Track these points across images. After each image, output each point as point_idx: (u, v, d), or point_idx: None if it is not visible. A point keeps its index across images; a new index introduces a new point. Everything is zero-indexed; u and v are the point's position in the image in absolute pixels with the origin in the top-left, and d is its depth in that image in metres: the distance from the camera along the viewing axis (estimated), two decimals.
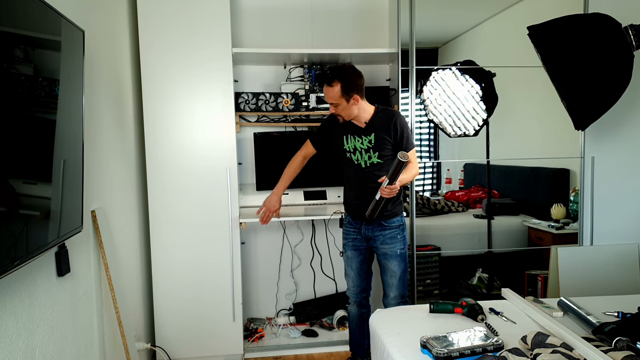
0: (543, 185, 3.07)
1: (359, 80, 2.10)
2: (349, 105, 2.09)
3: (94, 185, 1.87)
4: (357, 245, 2.28)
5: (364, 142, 2.15)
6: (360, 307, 2.37)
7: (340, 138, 2.21)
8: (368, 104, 2.17)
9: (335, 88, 2.06)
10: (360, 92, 2.10)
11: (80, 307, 1.70)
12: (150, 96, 2.44)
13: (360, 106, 2.12)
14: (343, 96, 2.06)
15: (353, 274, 2.32)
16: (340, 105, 2.09)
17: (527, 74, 2.80)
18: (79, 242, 1.68)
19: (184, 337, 2.55)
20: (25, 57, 1.21)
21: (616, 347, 1.39)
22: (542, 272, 2.83)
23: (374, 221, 2.19)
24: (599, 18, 2.31)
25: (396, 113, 2.17)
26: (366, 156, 2.16)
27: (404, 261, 2.24)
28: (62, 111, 1.42)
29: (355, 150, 2.18)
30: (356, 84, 2.08)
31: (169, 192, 2.49)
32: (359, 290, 2.34)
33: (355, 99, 2.08)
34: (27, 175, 1.24)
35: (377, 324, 1.75)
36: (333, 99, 2.09)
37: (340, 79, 2.06)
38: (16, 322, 1.26)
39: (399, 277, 2.22)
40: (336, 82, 2.06)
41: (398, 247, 2.21)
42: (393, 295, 2.24)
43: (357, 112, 2.13)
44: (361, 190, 2.19)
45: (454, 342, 1.43)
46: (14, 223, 1.17)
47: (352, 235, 2.28)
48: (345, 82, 2.06)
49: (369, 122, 2.15)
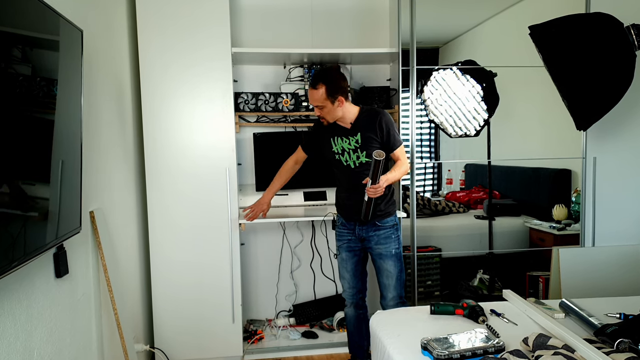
0: (544, 185, 3.06)
1: (344, 82, 2.12)
2: (334, 107, 2.11)
3: (93, 185, 1.86)
4: (352, 246, 2.27)
5: (351, 143, 2.16)
6: (357, 308, 2.36)
7: (328, 141, 2.23)
8: (352, 105, 2.19)
9: (319, 90, 2.07)
10: (344, 93, 2.11)
11: (79, 308, 1.69)
12: (149, 96, 2.44)
13: (345, 108, 2.14)
14: (328, 98, 2.08)
15: (348, 276, 2.32)
16: (325, 108, 2.11)
17: (528, 74, 2.79)
18: (77, 243, 1.67)
19: (183, 338, 2.54)
20: (23, 57, 1.20)
21: (618, 349, 1.38)
22: (543, 274, 2.82)
23: (368, 221, 2.18)
24: (601, 18, 2.30)
25: (381, 112, 2.18)
26: (354, 156, 2.17)
27: (400, 261, 2.23)
28: (61, 111, 1.41)
29: (343, 151, 2.19)
30: (340, 86, 2.10)
31: (168, 192, 2.48)
32: (355, 292, 2.33)
33: (340, 101, 2.10)
34: (25, 175, 1.23)
35: (378, 325, 1.74)
36: (318, 102, 2.09)
37: (324, 81, 2.07)
38: (14, 323, 1.25)
39: (396, 277, 2.21)
40: (320, 85, 2.06)
41: (393, 246, 2.20)
42: (391, 296, 2.23)
43: (341, 113, 2.14)
44: (352, 190, 2.19)
45: (454, 344, 1.43)
46: (12, 224, 1.16)
47: (346, 236, 2.28)
48: (330, 85, 2.07)
49: (354, 123, 2.17)
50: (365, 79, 2.96)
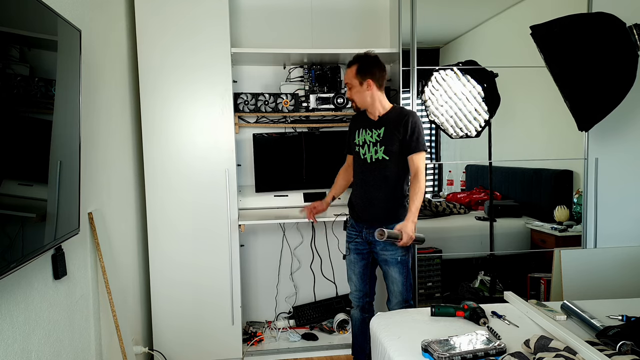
0: (546, 187, 3.05)
1: (377, 69, 2.14)
2: (362, 90, 2.13)
3: (91, 186, 1.85)
4: (360, 249, 2.26)
5: (373, 135, 2.16)
6: (363, 311, 2.34)
7: (354, 132, 2.25)
8: (386, 100, 2.21)
9: (352, 68, 2.14)
10: (375, 79, 2.13)
11: (77, 310, 1.68)
12: (148, 96, 2.43)
13: (375, 96, 2.15)
14: (357, 76, 2.12)
15: (356, 279, 2.30)
16: (354, 88, 2.14)
17: (529, 74, 2.78)
18: (75, 244, 1.66)
19: (182, 341, 2.53)
20: (21, 57, 1.20)
21: (620, 351, 1.38)
22: (545, 275, 2.81)
23: (376, 224, 2.16)
24: (603, 17, 2.30)
25: (412, 112, 2.18)
26: (373, 150, 2.16)
27: (406, 267, 2.20)
28: (59, 112, 1.40)
29: (364, 143, 2.19)
30: (372, 70, 2.12)
31: (167, 193, 2.47)
32: (361, 295, 2.32)
33: (369, 84, 2.12)
34: (23, 176, 1.23)
35: (378, 327, 1.74)
36: (348, 79, 2.16)
37: (358, 60, 2.14)
38: (12, 325, 1.25)
39: (402, 284, 2.19)
40: (354, 64, 2.14)
41: (399, 253, 2.16)
42: (396, 300, 2.22)
43: (370, 100, 2.15)
44: (364, 187, 2.19)
45: (455, 346, 1.42)
46: (10, 225, 1.15)
47: (355, 238, 2.27)
48: (362, 64, 2.12)
49: (382, 116, 2.17)
50: None
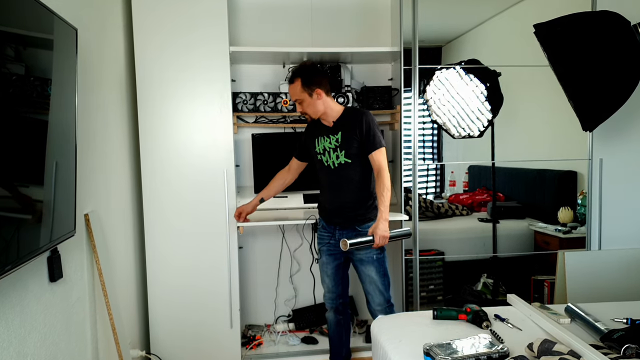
0: (550, 188, 3.03)
1: (320, 77, 2.15)
2: (313, 101, 2.13)
3: (88, 187, 1.84)
4: (332, 250, 2.24)
5: (331, 142, 2.16)
6: (337, 313, 2.35)
7: (312, 141, 2.24)
8: (336, 104, 2.22)
9: (296, 84, 2.12)
10: (321, 87, 2.13)
11: (73, 313, 1.67)
12: (145, 96, 2.41)
13: (326, 103, 2.15)
14: (304, 90, 2.11)
15: (328, 280, 2.30)
16: (304, 102, 2.14)
17: (533, 74, 2.77)
18: (71, 246, 1.65)
19: (179, 344, 2.51)
20: (16, 56, 1.19)
21: (625, 354, 1.37)
22: (548, 278, 2.80)
23: (348, 226, 2.17)
24: (607, 16, 2.29)
25: (363, 111, 2.19)
26: (334, 156, 2.16)
27: (382, 266, 2.18)
28: (55, 112, 1.39)
29: (324, 151, 2.19)
30: (315, 78, 2.12)
31: (165, 194, 2.45)
32: (334, 297, 2.32)
33: (317, 94, 2.12)
34: (18, 177, 1.21)
35: (379, 330, 1.72)
36: (296, 95, 2.14)
37: (299, 74, 2.12)
38: (7, 328, 1.24)
39: (380, 283, 2.17)
40: (296, 79, 2.12)
41: (374, 252, 2.15)
42: (377, 301, 2.19)
43: (322, 108, 2.15)
44: (332, 192, 2.19)
45: (458, 350, 1.41)
46: (5, 227, 1.14)
47: (327, 240, 2.26)
48: (304, 76, 2.11)
49: (337, 121, 2.17)
50: (366, 78, 2.93)
